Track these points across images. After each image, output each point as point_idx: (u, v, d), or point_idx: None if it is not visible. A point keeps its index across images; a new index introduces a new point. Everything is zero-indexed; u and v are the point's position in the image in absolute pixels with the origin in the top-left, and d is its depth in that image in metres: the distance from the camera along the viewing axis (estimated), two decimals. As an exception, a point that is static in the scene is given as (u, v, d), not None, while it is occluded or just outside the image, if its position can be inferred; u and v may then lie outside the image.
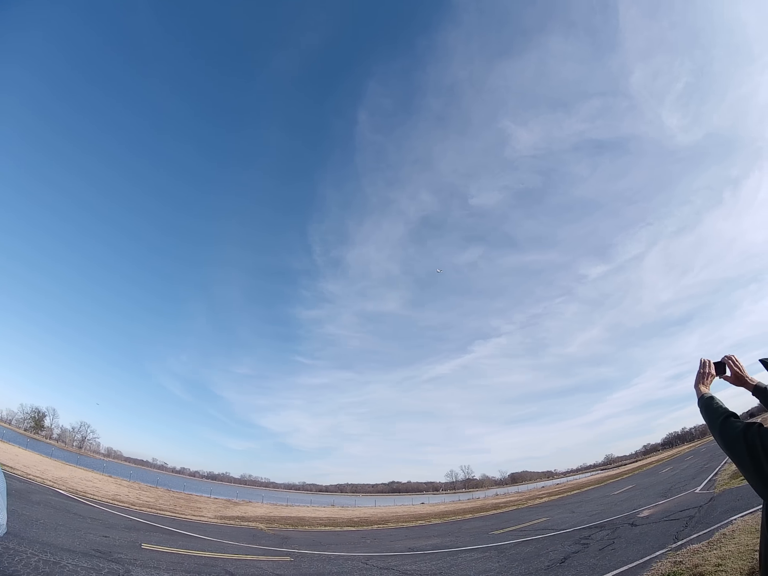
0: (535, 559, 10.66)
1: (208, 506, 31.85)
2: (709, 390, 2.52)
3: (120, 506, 20.27)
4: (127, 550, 10.10)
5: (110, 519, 15.32)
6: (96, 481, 31.65)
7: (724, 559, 7.04)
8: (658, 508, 16.31)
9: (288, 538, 17.17)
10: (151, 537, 12.85)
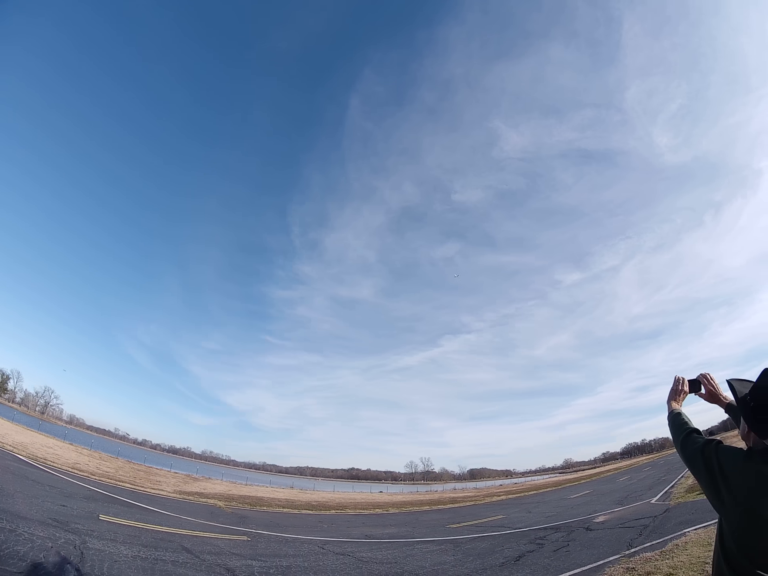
0: (490, 555, 10.78)
1: (168, 480, 31.62)
2: (680, 406, 2.63)
3: (79, 475, 20.05)
4: (84, 521, 9.99)
5: (69, 488, 15.15)
6: (57, 449, 31.21)
7: (675, 569, 7.22)
8: (614, 514, 16.62)
9: (246, 518, 17.13)
10: (109, 508, 12.75)
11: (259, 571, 8.35)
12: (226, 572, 7.97)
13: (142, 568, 7.22)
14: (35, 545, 7.00)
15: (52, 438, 41.35)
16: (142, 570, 7.09)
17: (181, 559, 8.44)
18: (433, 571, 9.20)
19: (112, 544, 8.38)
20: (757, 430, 2.03)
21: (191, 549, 9.47)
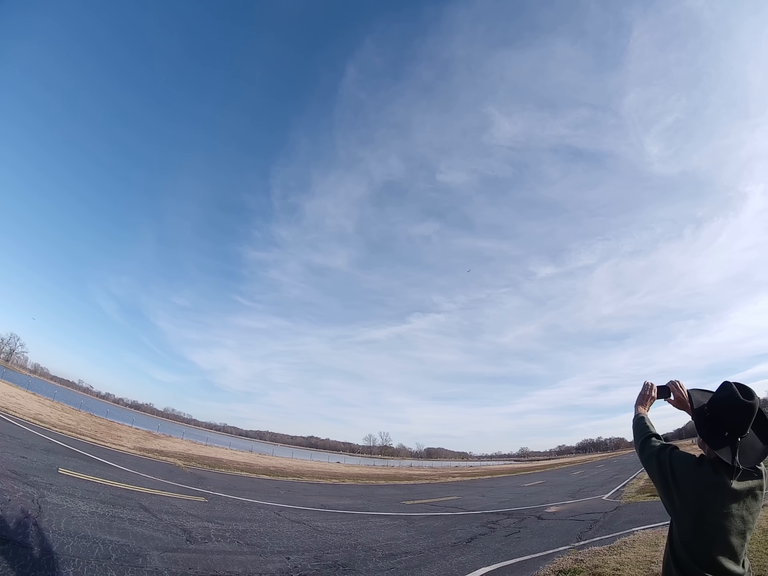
0: (442, 535, 11.04)
1: (129, 436, 31.49)
2: (647, 411, 2.71)
3: (41, 426, 19.89)
4: (43, 474, 9.94)
5: (29, 439, 15.04)
6: (19, 398, 30.99)
7: (622, 565, 7.43)
8: (566, 506, 17.10)
9: (204, 479, 17.23)
10: (69, 462, 12.68)
11: (215, 534, 8.42)
12: (183, 533, 8.02)
13: (99, 525, 7.23)
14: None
15: (14, 387, 40.88)
16: (99, 527, 7.10)
17: (139, 517, 8.48)
18: (387, 546, 9.37)
19: (70, 499, 8.37)
20: (709, 441, 2.14)
21: (149, 507, 9.51)
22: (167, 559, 6.32)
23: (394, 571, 7.47)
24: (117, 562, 5.67)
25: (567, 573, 7.23)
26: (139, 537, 7.12)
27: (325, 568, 7.22)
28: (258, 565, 6.87)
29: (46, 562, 5.10)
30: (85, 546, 6.00)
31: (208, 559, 6.71)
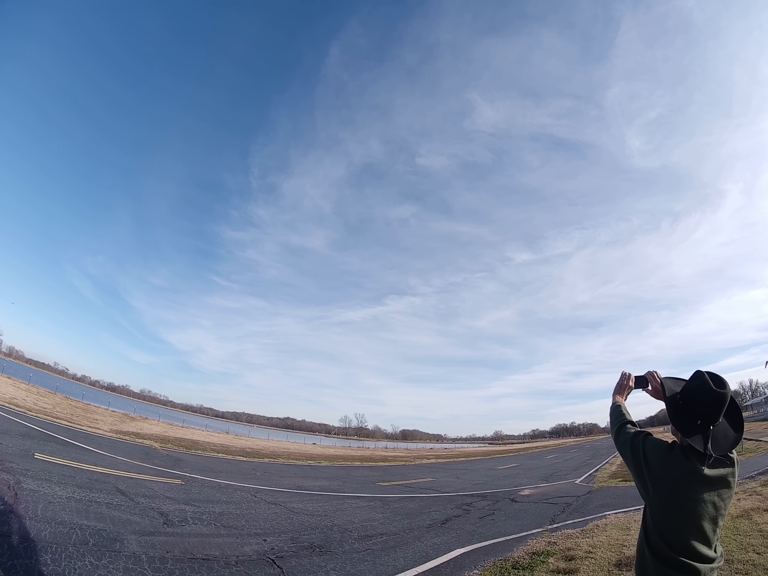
0: (417, 516, 11.25)
1: (105, 419, 31.18)
2: (624, 400, 2.79)
3: (16, 411, 19.70)
4: (19, 459, 9.92)
5: (5, 424, 14.93)
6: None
7: (594, 548, 7.62)
8: (539, 490, 17.45)
9: (180, 461, 17.24)
10: (45, 446, 12.61)
11: (192, 517, 8.50)
12: (160, 516, 8.09)
13: (77, 510, 7.27)
14: (-32, 484, 6.94)
15: (-12, 371, 39.99)
16: (77, 512, 7.14)
17: (116, 501, 8.52)
18: (362, 527, 9.53)
19: (46, 485, 8.37)
20: (681, 429, 2.20)
21: (125, 491, 9.55)
22: (145, 542, 6.39)
23: (369, 553, 7.61)
24: (95, 548, 5.73)
25: (540, 555, 7.40)
26: (116, 521, 7.16)
27: (302, 550, 7.35)
28: (235, 548, 6.98)
29: (24, 550, 5.14)
30: (63, 532, 6.04)
31: (185, 542, 6.79)
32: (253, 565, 6.24)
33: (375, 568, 6.75)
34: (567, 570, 6.46)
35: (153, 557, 5.83)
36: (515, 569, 6.65)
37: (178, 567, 5.66)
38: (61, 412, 25.96)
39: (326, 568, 6.55)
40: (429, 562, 7.21)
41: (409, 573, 6.62)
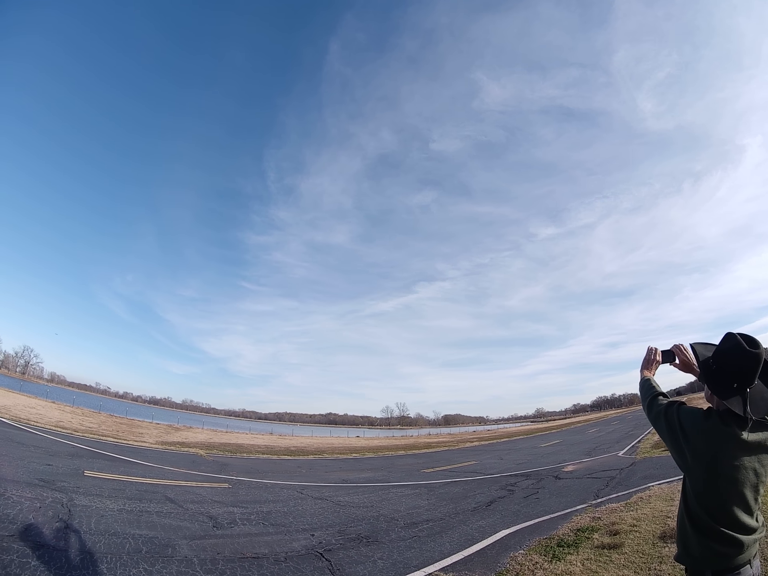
0: (462, 500, 11.30)
1: (150, 431, 31.85)
2: (652, 375, 2.75)
3: (63, 433, 20.09)
4: (70, 478, 10.16)
5: (53, 446, 15.23)
6: (39, 408, 31.19)
7: (639, 521, 7.56)
8: (582, 465, 17.35)
9: (226, 465, 17.55)
10: (93, 464, 12.91)
11: (241, 518, 8.68)
12: (209, 520, 8.29)
13: (128, 520, 7.50)
14: (24, 507, 7.20)
15: (34, 398, 41.25)
16: (128, 523, 7.37)
17: (166, 509, 8.74)
18: (408, 515, 9.62)
19: (98, 499, 8.63)
20: (717, 393, 2.14)
21: (174, 499, 9.79)
22: (195, 546, 6.58)
23: (416, 540, 7.69)
24: (147, 555, 5.92)
25: (585, 531, 7.38)
26: (167, 528, 7.38)
27: (349, 542, 7.47)
28: (283, 544, 7.12)
29: (80, 562, 5.35)
30: (116, 542, 6.26)
31: (235, 543, 6.97)
32: (302, 560, 6.36)
33: (421, 555, 6.81)
34: (612, 545, 6.44)
35: (204, 559, 6.01)
36: (560, 547, 6.64)
37: (229, 567, 5.82)
38: (106, 429, 26.61)
39: (373, 557, 6.64)
40: (474, 545, 7.24)
41: (455, 557, 6.65)
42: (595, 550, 6.35)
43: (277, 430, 65.78)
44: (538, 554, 6.41)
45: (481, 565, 6.26)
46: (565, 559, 6.06)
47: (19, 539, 5.70)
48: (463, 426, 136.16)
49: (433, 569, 6.11)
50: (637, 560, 5.77)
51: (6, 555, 5.12)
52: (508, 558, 6.39)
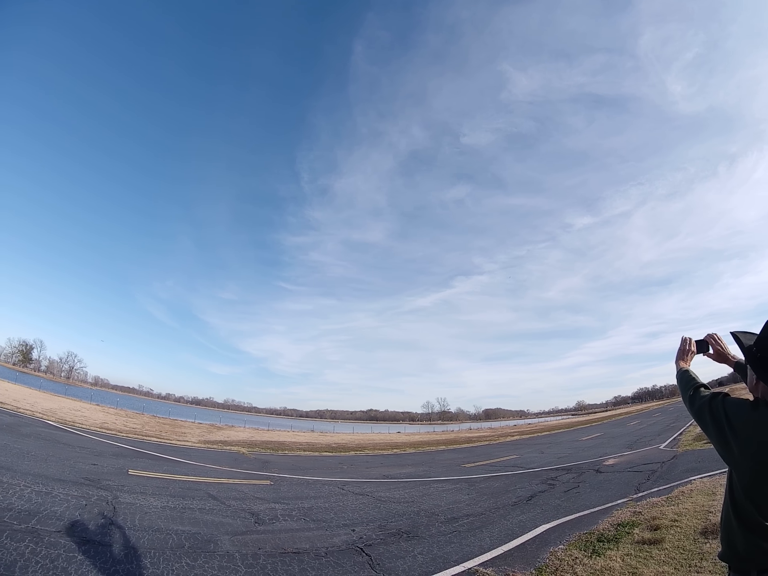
0: (503, 495, 11.20)
1: (193, 431, 32.49)
2: (688, 366, 2.64)
3: (107, 434, 20.58)
4: (114, 477, 10.38)
5: (98, 447, 15.61)
6: (84, 411, 32.04)
7: (680, 516, 7.42)
8: (623, 458, 17.04)
9: (268, 462, 17.75)
10: (137, 463, 13.18)
11: (282, 514, 8.75)
12: (251, 516, 8.37)
13: (171, 517, 7.62)
14: (71, 504, 7.37)
15: (78, 401, 42.54)
16: (172, 519, 7.49)
17: (208, 506, 8.86)
18: (449, 510, 9.57)
19: (142, 497, 8.80)
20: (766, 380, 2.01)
21: (217, 496, 9.92)
22: (237, 542, 6.64)
23: (456, 534, 7.63)
24: (190, 550, 6.00)
25: (625, 526, 7.27)
26: (209, 524, 7.47)
27: (389, 537, 7.44)
28: (324, 539, 7.13)
29: (125, 556, 5.44)
30: (160, 538, 6.35)
31: (276, 538, 7.01)
32: (342, 555, 6.36)
33: (461, 549, 6.76)
34: (652, 540, 6.32)
35: (246, 554, 6.05)
36: (600, 542, 6.56)
37: (270, 562, 5.85)
38: (150, 430, 27.19)
39: (413, 552, 6.60)
40: (514, 540, 7.18)
41: (495, 552, 6.59)
42: (635, 546, 6.26)
43: (318, 428, 66.49)
44: (578, 549, 6.33)
45: (520, 560, 6.19)
46: (605, 554, 5.98)
47: (66, 535, 5.84)
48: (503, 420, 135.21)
49: (473, 564, 6.05)
50: (678, 556, 5.65)
51: (53, 549, 5.26)
52: (547, 553, 6.33)
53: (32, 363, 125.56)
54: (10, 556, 4.92)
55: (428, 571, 5.83)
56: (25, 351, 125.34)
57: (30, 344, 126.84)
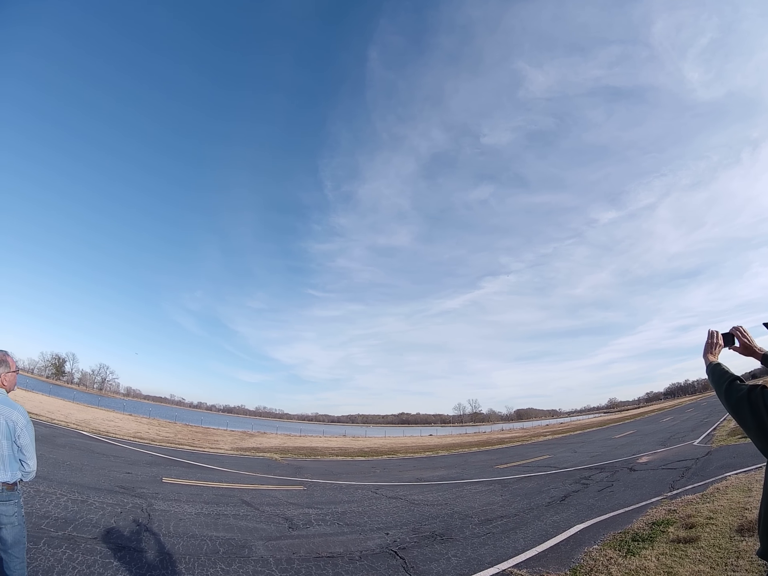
0: (536, 495, 11.05)
1: (225, 438, 32.70)
2: (716, 359, 2.55)
3: (141, 443, 20.85)
4: (149, 485, 10.51)
5: (132, 456, 15.81)
6: (117, 421, 32.53)
7: (715, 513, 7.24)
8: (657, 455, 16.72)
9: (301, 468, 17.78)
10: (171, 471, 13.31)
11: (316, 519, 8.73)
12: (285, 521, 8.37)
13: (206, 523, 7.65)
14: (106, 512, 7.47)
15: (112, 411, 43.18)
16: (206, 525, 7.52)
17: (242, 512, 8.89)
18: (482, 512, 9.47)
19: (176, 504, 8.87)
20: None
21: (251, 502, 9.95)
22: (271, 547, 6.64)
23: (490, 536, 7.53)
24: (225, 555, 6.00)
25: (660, 525, 7.14)
26: (243, 530, 7.48)
27: (423, 539, 7.36)
28: (358, 543, 7.09)
29: (160, 562, 5.47)
30: (194, 544, 6.38)
31: (310, 543, 6.99)
32: (376, 558, 6.32)
33: (495, 551, 6.68)
34: (687, 539, 6.18)
35: (280, 559, 6.03)
36: (635, 541, 6.43)
37: (304, 566, 5.82)
38: (182, 438, 27.48)
39: (447, 555, 6.54)
40: (548, 541, 7.09)
41: (529, 553, 6.51)
42: (670, 545, 6.12)
43: (350, 432, 66.64)
44: (613, 549, 6.23)
45: (554, 560, 6.10)
46: (640, 553, 5.86)
47: (102, 541, 5.90)
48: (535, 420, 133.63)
49: (507, 566, 5.98)
50: (714, 555, 5.50)
51: (90, 556, 5.32)
52: (582, 553, 6.24)
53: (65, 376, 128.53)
54: (48, 561, 5.00)
55: (462, 574, 5.76)
56: (58, 364, 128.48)
57: (62, 357, 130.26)
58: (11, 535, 3.62)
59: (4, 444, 3.62)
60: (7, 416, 3.63)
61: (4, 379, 3.78)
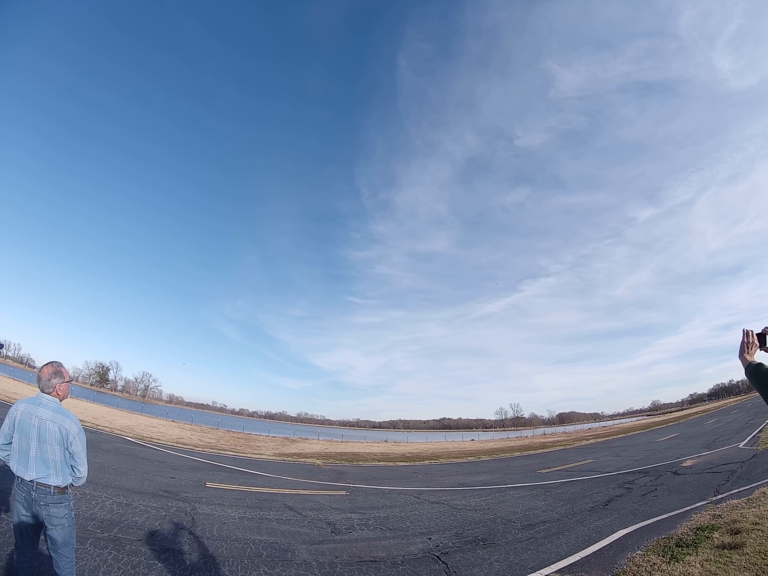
0: (579, 500, 10.84)
1: (267, 444, 33.03)
2: (754, 358, 2.45)
3: (184, 449, 21.20)
4: (192, 489, 10.64)
5: (175, 461, 16.06)
6: (160, 427, 33.35)
7: (761, 518, 7.00)
8: (701, 459, 16.29)
9: (343, 473, 17.77)
10: (214, 476, 13.45)
11: (358, 523, 8.69)
12: (327, 526, 8.35)
13: (249, 527, 7.69)
14: (150, 515, 7.58)
15: (155, 418, 44.35)
16: (249, 529, 7.55)
17: (285, 516, 8.91)
18: (525, 517, 9.32)
19: (219, 508, 8.94)
20: None
21: (293, 507, 9.98)
22: (314, 551, 6.62)
23: (532, 541, 7.41)
24: (268, 559, 6.01)
25: (704, 530, 6.92)
26: (286, 534, 7.50)
27: (466, 545, 7.26)
28: (401, 548, 7.03)
29: (203, 565, 5.51)
30: (238, 547, 6.41)
31: (353, 547, 6.95)
32: (419, 563, 6.25)
33: (538, 556, 6.57)
34: (732, 545, 5.95)
35: (322, 563, 6.01)
36: (679, 547, 6.22)
37: (347, 570, 5.79)
38: (225, 444, 27.87)
39: (490, 560, 6.45)
40: (591, 546, 6.96)
41: (572, 558, 6.40)
42: (714, 551, 5.91)
43: (391, 438, 66.52)
44: (656, 555, 6.05)
45: (597, 566, 5.98)
46: (684, 560, 5.69)
47: (146, 543, 5.98)
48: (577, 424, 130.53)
49: (549, 571, 5.89)
50: (759, 562, 5.28)
51: (134, 557, 5.39)
52: (625, 559, 6.10)
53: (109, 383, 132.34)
54: (93, 561, 5.09)
55: (505, 579, 5.63)
56: (102, 372, 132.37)
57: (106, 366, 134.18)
58: (61, 536, 3.74)
59: (57, 450, 3.74)
60: (60, 424, 3.75)
61: (59, 388, 3.91)
